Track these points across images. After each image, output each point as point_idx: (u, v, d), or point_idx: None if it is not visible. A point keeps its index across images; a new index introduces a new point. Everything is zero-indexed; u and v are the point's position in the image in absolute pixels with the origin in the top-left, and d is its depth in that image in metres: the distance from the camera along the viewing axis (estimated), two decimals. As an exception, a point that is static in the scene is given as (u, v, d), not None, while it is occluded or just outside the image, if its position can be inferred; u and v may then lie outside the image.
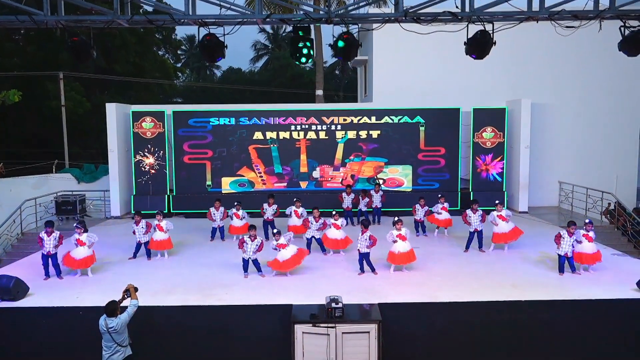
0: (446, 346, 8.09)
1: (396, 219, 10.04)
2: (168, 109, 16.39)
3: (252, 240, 9.73)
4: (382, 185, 15.12)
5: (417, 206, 13.01)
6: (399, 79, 17.60)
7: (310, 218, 11.41)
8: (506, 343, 8.12)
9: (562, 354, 8.14)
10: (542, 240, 11.92)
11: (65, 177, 17.83)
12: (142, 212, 11.70)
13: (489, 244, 11.51)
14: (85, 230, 10.14)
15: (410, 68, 17.61)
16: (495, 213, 11.39)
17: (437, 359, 8.10)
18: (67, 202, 15.87)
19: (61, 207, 15.79)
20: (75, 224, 10.39)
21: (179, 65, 42.97)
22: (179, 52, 43.41)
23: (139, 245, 11.13)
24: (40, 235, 9.91)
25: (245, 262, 9.80)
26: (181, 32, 40.12)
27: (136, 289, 7.42)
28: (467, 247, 11.51)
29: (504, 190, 16.12)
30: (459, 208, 15.14)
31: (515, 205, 16.14)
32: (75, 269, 9.92)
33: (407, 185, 16.35)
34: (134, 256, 11.19)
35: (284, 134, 16.27)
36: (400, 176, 16.36)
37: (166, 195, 16.05)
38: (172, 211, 15.79)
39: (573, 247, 9.68)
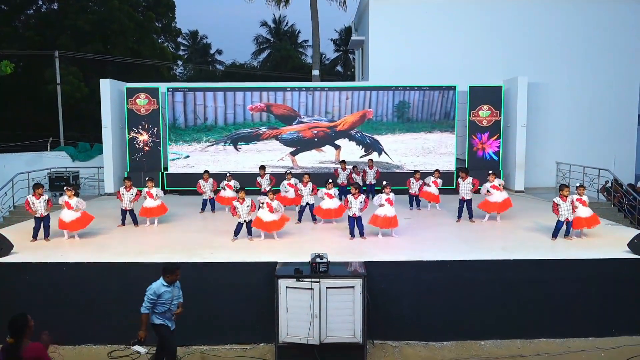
0: (432, 303, 7.98)
1: (385, 182, 9.99)
2: (162, 86, 16.32)
3: (242, 203, 9.63)
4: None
5: (412, 180, 12.91)
6: (395, 58, 17.48)
7: (300, 185, 11.33)
8: (493, 300, 8.00)
9: (549, 311, 8.02)
10: (537, 213, 11.84)
11: (60, 154, 17.77)
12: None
13: (480, 215, 11.37)
14: (77, 195, 10.05)
15: (407, 47, 17.46)
16: (488, 184, 11.25)
17: (422, 314, 7.99)
18: (60, 177, 15.75)
19: (54, 183, 15.69)
20: (66, 187, 10.20)
21: (182, 57, 42.80)
22: (181, 47, 43.28)
23: (124, 212, 11.04)
24: (29, 198, 9.75)
25: (239, 226, 9.70)
26: (182, 27, 40.01)
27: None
28: (459, 217, 11.37)
29: (500, 169, 15.97)
30: (454, 187, 14.96)
31: (512, 184, 15.96)
32: (72, 231, 9.77)
33: (402, 164, 16.23)
34: (123, 223, 11.09)
35: (278, 111, 16.16)
36: (396, 154, 16.23)
37: (160, 173, 15.97)
38: (165, 188, 15.69)
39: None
